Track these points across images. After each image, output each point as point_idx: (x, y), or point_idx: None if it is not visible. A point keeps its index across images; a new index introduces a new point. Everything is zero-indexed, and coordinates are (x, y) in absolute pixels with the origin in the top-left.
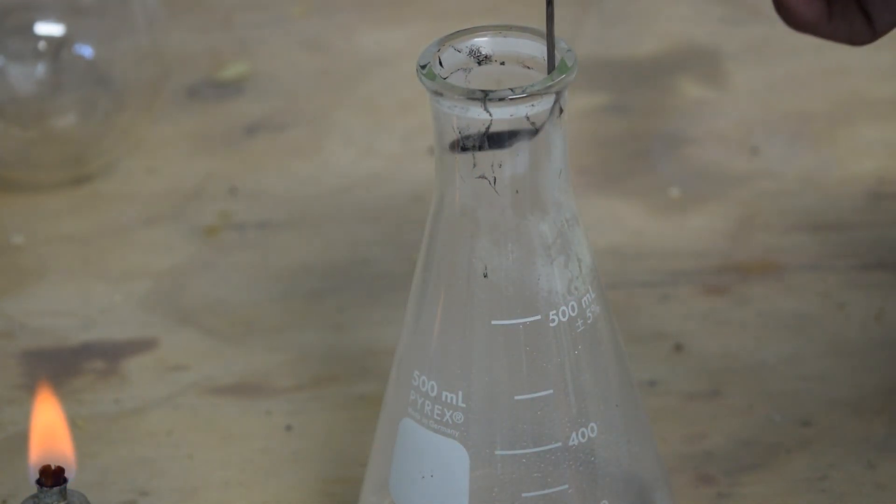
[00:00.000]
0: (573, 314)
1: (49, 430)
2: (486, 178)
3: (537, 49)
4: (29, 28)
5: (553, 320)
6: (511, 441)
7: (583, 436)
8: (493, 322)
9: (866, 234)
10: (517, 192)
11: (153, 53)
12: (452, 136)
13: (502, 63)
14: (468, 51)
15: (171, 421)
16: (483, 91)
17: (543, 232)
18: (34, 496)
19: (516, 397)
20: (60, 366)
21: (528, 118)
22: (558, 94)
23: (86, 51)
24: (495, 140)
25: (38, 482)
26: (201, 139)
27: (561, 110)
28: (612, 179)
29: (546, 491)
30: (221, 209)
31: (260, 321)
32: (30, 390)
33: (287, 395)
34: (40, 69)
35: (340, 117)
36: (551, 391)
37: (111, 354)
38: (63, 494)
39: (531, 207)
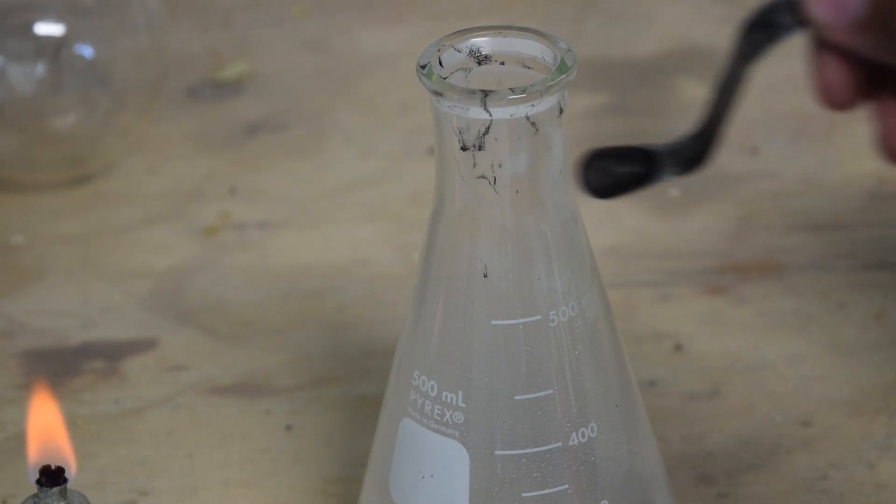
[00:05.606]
0: (573, 314)
1: (47, 429)
2: (486, 178)
3: (537, 49)
4: (29, 28)
5: (553, 320)
6: (511, 441)
7: (583, 436)
8: (493, 322)
9: (866, 234)
10: (517, 192)
11: (153, 53)
12: None
13: (502, 63)
14: (468, 51)
15: (171, 421)
16: (483, 91)
17: (543, 232)
18: (34, 496)
19: (516, 397)
20: (60, 366)
21: (528, 118)
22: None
23: (86, 51)
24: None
25: (38, 482)
26: (201, 139)
27: (561, 110)
28: None
29: (546, 491)
30: (221, 209)
31: (260, 321)
32: (30, 390)
33: (287, 395)
34: (40, 69)
35: (340, 117)
36: (551, 391)
37: (111, 354)
38: (63, 494)
39: (531, 207)
